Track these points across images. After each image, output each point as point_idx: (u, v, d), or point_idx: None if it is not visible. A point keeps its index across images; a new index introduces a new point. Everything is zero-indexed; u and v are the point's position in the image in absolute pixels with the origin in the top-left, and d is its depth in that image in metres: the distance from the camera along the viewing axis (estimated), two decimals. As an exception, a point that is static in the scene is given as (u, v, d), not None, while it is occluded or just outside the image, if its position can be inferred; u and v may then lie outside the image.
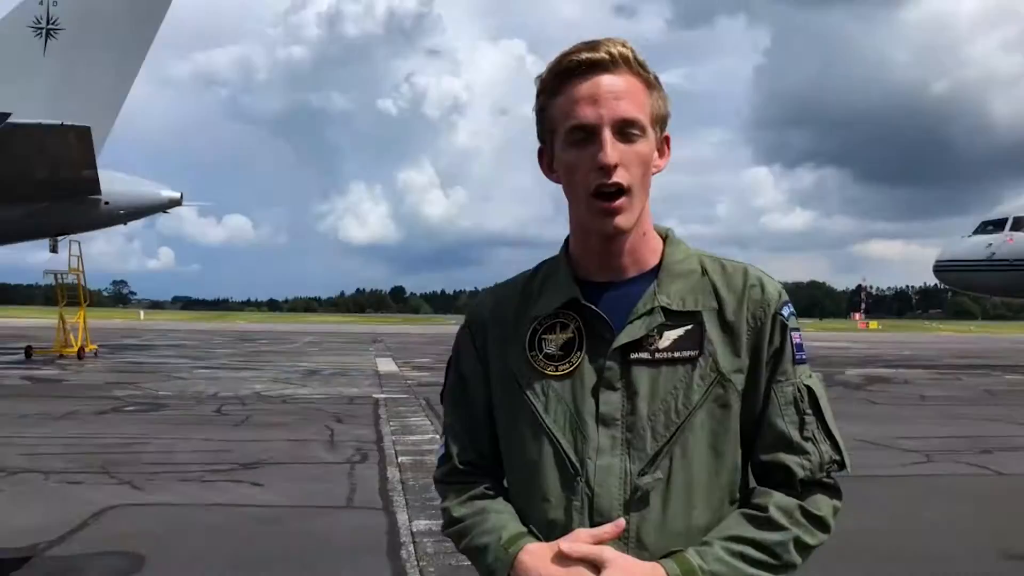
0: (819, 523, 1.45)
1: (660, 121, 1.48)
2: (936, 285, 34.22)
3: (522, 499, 1.50)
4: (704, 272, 1.51)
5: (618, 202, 1.41)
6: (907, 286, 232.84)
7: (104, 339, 33.80)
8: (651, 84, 1.45)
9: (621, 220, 1.42)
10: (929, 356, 34.87)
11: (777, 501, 1.44)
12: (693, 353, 1.45)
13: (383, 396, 15.55)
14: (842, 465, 1.49)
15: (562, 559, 1.36)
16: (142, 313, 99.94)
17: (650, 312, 1.45)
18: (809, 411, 1.47)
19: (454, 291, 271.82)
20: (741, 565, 1.38)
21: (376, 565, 5.51)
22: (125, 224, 25.49)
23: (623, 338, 1.44)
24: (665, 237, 1.56)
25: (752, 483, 1.52)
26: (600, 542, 1.38)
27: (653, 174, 1.49)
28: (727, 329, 1.47)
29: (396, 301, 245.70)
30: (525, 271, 1.63)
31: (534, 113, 1.51)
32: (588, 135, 1.41)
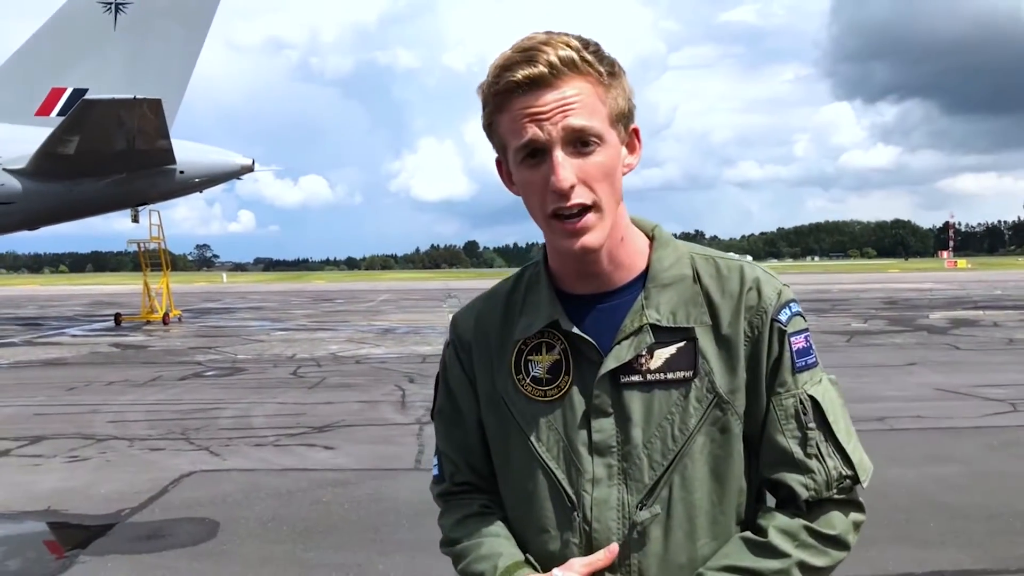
0: (832, 542, 1.35)
1: (623, 117, 1.34)
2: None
3: (521, 527, 1.45)
4: (696, 277, 1.40)
5: (582, 221, 1.29)
6: (999, 221, 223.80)
7: (187, 304, 35.02)
8: (606, 80, 1.30)
9: (589, 239, 1.31)
10: (1022, 295, 33.44)
11: (779, 524, 1.34)
12: (687, 374, 1.35)
13: (454, 354, 15.71)
14: (856, 480, 1.37)
15: None
16: (225, 276, 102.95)
17: (638, 331, 1.36)
18: (812, 424, 1.36)
19: (527, 244, 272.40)
20: None
21: (436, 528, 5.59)
22: (201, 192, 26.10)
23: (610, 362, 1.36)
24: (652, 237, 1.44)
25: (769, 501, 1.44)
26: (595, 571, 1.33)
27: (625, 173, 1.37)
28: (723, 343, 1.36)
29: (470, 255, 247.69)
30: (507, 278, 1.54)
31: (482, 124, 1.38)
32: (540, 154, 1.29)
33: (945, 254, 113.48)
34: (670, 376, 1.36)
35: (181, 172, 22.91)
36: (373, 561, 5.04)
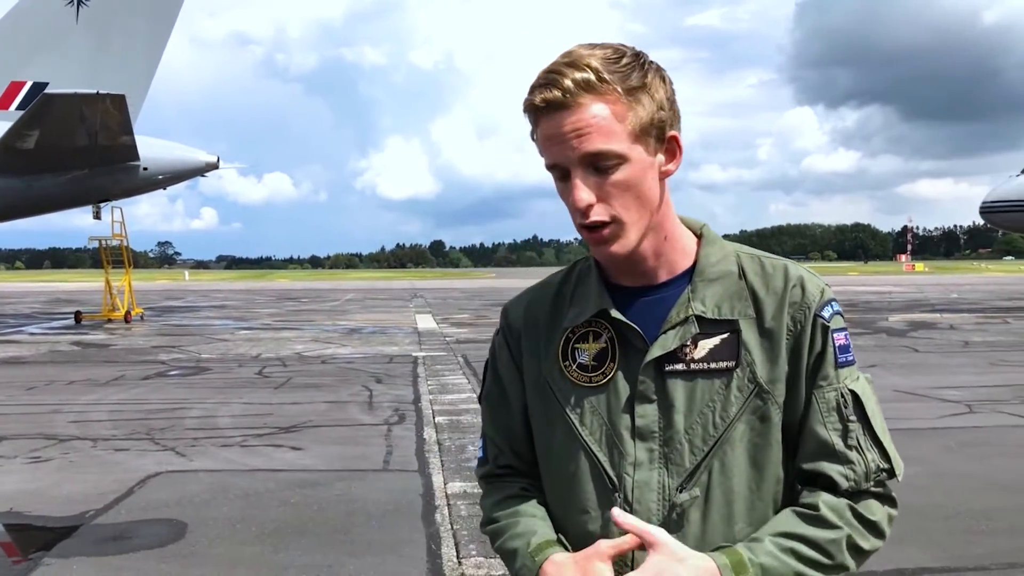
0: (872, 527, 1.40)
1: (650, 129, 1.37)
2: (985, 224, 33.41)
3: (560, 508, 1.50)
4: (742, 274, 1.45)
5: (604, 232, 1.37)
6: (955, 226, 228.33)
7: (149, 302, 34.55)
8: (625, 98, 1.34)
9: (614, 248, 1.39)
10: (976, 299, 34.20)
11: (827, 500, 1.39)
12: (730, 364, 1.41)
13: (422, 354, 15.70)
14: (892, 473, 1.42)
15: (584, 571, 1.36)
16: (187, 273, 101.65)
17: (684, 322, 1.42)
18: (853, 417, 1.41)
19: (493, 244, 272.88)
20: (791, 561, 1.34)
21: (410, 529, 5.61)
22: (164, 188, 25.74)
23: (656, 350, 1.41)
24: (700, 235, 1.50)
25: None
26: (622, 553, 1.36)
27: (664, 178, 1.42)
28: (765, 336, 1.42)
29: (435, 255, 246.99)
30: (560, 270, 1.60)
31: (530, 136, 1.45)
32: (563, 172, 1.37)
33: (903, 257, 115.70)
34: (713, 366, 1.41)
35: (145, 169, 22.58)
36: (343, 562, 5.04)
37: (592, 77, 1.32)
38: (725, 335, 1.42)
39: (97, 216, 25.01)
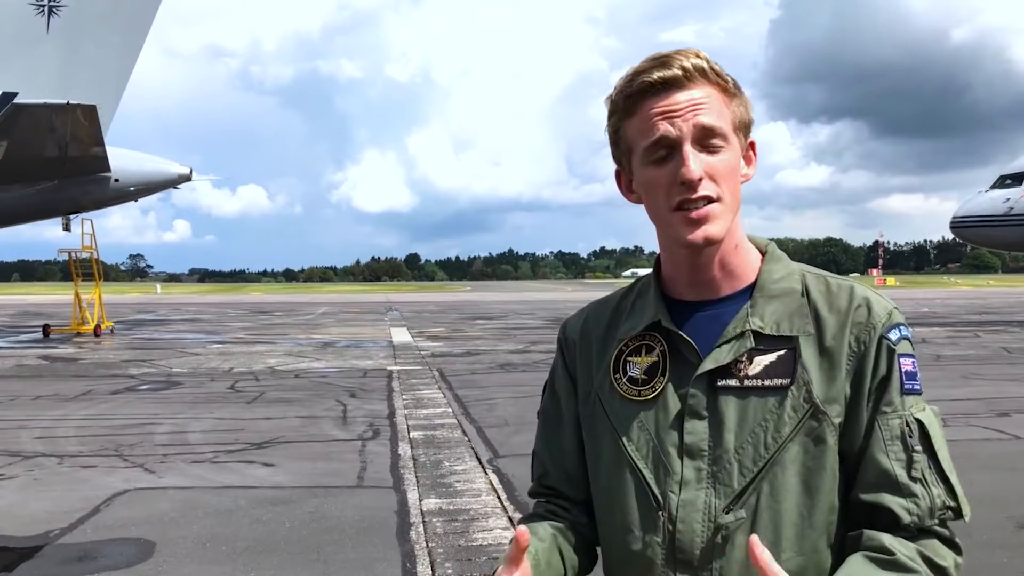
0: (941, 573, 1.30)
1: (743, 128, 1.40)
2: (954, 239, 33.92)
3: (605, 527, 1.46)
4: (805, 292, 1.40)
5: (706, 210, 1.33)
6: (925, 240, 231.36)
7: (120, 315, 34.08)
8: (731, 92, 1.38)
9: (711, 229, 1.33)
10: (946, 312, 34.60)
11: (897, 544, 1.28)
12: (784, 382, 1.34)
13: (397, 368, 15.58)
14: (958, 513, 1.33)
15: None
16: (159, 287, 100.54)
17: (740, 336, 1.36)
18: (919, 448, 1.32)
19: (469, 257, 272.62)
20: None
21: (384, 547, 5.51)
22: (136, 200, 25.46)
23: (708, 364, 1.36)
24: (765, 252, 1.46)
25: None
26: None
27: (742, 183, 1.40)
28: (825, 355, 1.35)
29: (411, 268, 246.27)
30: (623, 287, 1.57)
31: (607, 135, 1.43)
32: (668, 151, 1.34)
33: (875, 272, 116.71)
34: (767, 383, 1.35)
35: (116, 180, 22.35)
36: (316, 582, 4.94)
37: (705, 65, 1.36)
38: (782, 352, 1.36)
39: (67, 228, 24.70)
